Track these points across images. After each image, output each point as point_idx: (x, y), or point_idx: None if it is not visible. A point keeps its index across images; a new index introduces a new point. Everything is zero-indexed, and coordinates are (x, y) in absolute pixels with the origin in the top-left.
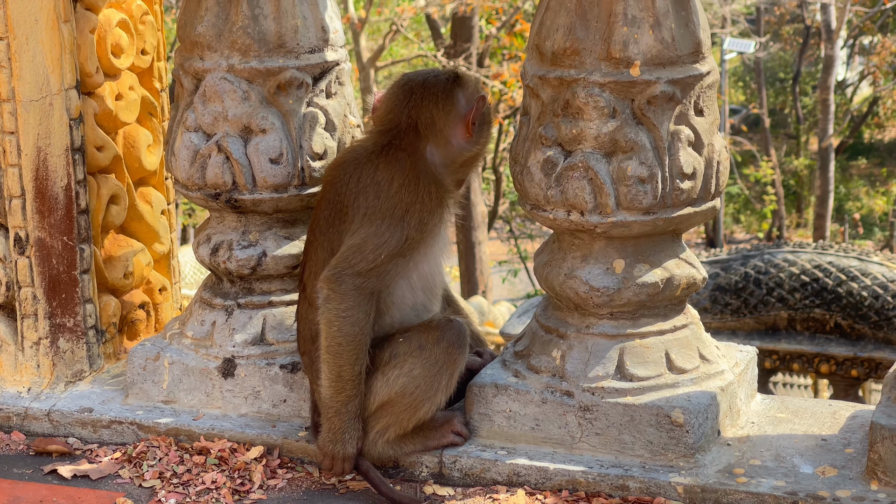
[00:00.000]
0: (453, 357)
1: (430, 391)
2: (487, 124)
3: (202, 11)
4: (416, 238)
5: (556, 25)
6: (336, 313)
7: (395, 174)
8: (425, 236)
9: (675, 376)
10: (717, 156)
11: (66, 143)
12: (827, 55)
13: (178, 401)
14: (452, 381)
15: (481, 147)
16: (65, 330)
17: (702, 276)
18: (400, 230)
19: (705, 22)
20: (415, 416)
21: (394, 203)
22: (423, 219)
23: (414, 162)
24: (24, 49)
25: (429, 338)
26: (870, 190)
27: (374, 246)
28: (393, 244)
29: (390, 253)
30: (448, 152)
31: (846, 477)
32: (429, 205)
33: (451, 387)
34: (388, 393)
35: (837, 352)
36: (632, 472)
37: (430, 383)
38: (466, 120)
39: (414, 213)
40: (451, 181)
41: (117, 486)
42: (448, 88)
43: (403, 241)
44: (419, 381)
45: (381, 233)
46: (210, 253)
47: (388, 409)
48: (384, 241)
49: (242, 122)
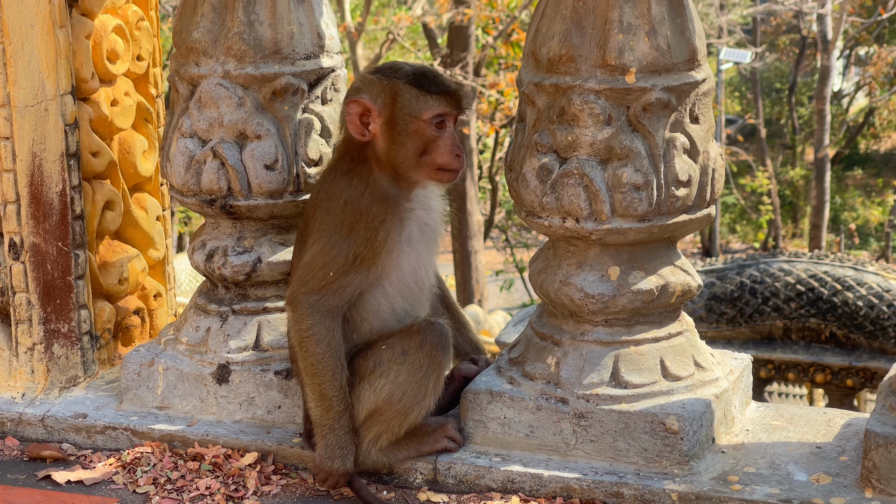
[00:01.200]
0: (437, 359)
1: (417, 396)
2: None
3: (198, 17)
4: (366, 255)
5: (551, 32)
6: (300, 334)
7: (344, 190)
8: (378, 252)
9: (670, 383)
10: (712, 163)
11: (61, 149)
12: (823, 65)
13: (172, 407)
14: (439, 383)
15: (389, 146)
16: (59, 336)
17: (697, 284)
18: (347, 247)
19: (701, 29)
20: (405, 421)
21: (339, 220)
22: (370, 237)
23: (362, 175)
24: (20, 54)
25: (411, 343)
26: (865, 200)
27: (321, 264)
28: (341, 262)
29: (339, 270)
30: (375, 157)
31: (840, 485)
32: (372, 222)
33: (438, 389)
34: (375, 401)
35: (833, 361)
36: (626, 479)
37: (417, 388)
38: (349, 126)
39: (359, 231)
40: (404, 185)
41: (111, 492)
42: (347, 95)
43: (352, 259)
44: (405, 386)
45: (327, 250)
46: (205, 259)
47: (378, 417)
48: (331, 258)
49: (238, 128)
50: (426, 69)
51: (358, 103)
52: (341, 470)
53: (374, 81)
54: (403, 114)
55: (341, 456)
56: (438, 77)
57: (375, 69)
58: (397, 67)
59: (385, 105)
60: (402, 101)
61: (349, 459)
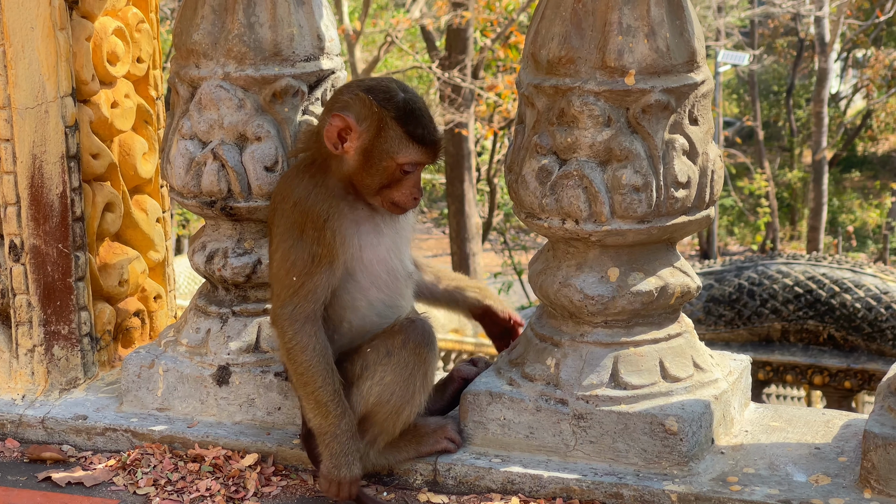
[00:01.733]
0: (423, 356)
1: (406, 394)
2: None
3: (198, 19)
4: (322, 253)
5: (551, 34)
6: (285, 347)
7: (294, 190)
8: (332, 248)
9: (669, 384)
10: (711, 164)
11: (61, 151)
12: (821, 68)
13: (172, 408)
14: (427, 379)
15: (356, 169)
16: (59, 337)
17: (696, 285)
18: (302, 249)
19: (700, 31)
20: (398, 420)
21: (291, 222)
22: (318, 235)
23: (315, 177)
24: (20, 56)
25: (395, 342)
26: (863, 202)
27: (284, 271)
28: (300, 265)
29: (301, 273)
30: (339, 168)
31: (839, 485)
32: (318, 220)
33: (427, 385)
34: (366, 405)
35: (831, 363)
36: (626, 479)
37: (406, 387)
38: (325, 136)
39: (308, 231)
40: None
41: (111, 494)
42: (330, 103)
43: (310, 260)
44: (393, 387)
45: (287, 256)
46: (205, 261)
47: (371, 420)
48: (291, 262)
49: (238, 129)
50: (416, 108)
51: (342, 119)
52: (349, 477)
53: (365, 104)
54: (381, 148)
55: (347, 463)
56: (425, 122)
57: (368, 87)
58: (391, 95)
59: (367, 131)
60: (385, 136)
61: (356, 464)
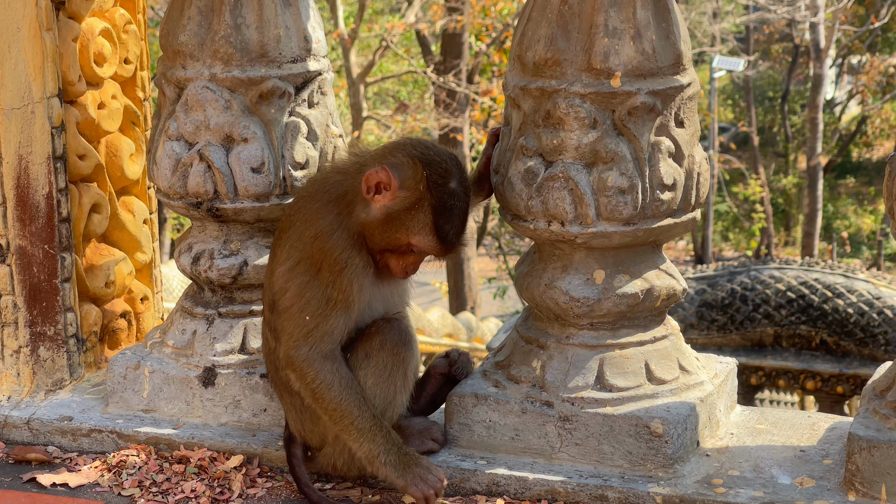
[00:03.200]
0: (401, 356)
1: (388, 395)
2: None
3: (184, 20)
4: (338, 298)
5: (537, 36)
6: (309, 388)
7: (319, 220)
8: (348, 295)
9: (655, 387)
10: (697, 167)
11: (47, 152)
12: (816, 74)
13: (158, 410)
14: (407, 379)
15: (373, 222)
16: (45, 338)
17: (682, 287)
18: (317, 290)
19: (686, 34)
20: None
21: (307, 254)
22: (334, 280)
23: (341, 214)
24: (6, 57)
25: (372, 345)
26: (858, 208)
27: (298, 309)
28: (314, 305)
29: (316, 314)
30: (360, 213)
31: (824, 488)
32: (335, 266)
33: (408, 385)
34: None
35: (823, 368)
36: (611, 482)
37: (386, 388)
38: (365, 178)
39: (325, 273)
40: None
41: (96, 495)
42: (388, 151)
43: (325, 303)
44: (375, 389)
45: (302, 293)
46: (191, 262)
47: None
48: (306, 301)
49: (224, 131)
50: (457, 206)
51: (388, 175)
52: (429, 482)
53: (416, 176)
54: (404, 221)
55: (420, 474)
56: (456, 224)
57: (429, 160)
58: (444, 181)
59: (402, 199)
60: (413, 214)
61: (422, 465)
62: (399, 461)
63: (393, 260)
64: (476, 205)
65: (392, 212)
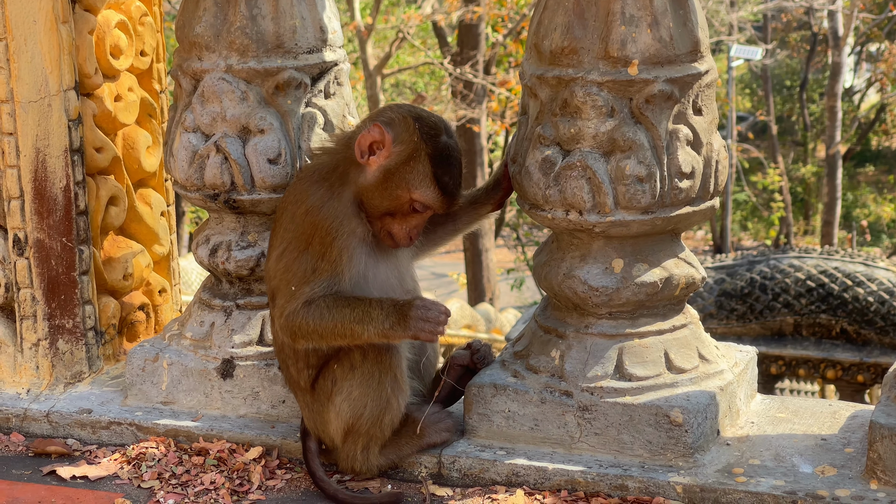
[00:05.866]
0: (386, 362)
1: (381, 402)
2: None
3: (200, 12)
4: (324, 268)
5: (553, 25)
6: (303, 330)
7: (309, 196)
8: (336, 266)
9: (674, 376)
10: (715, 155)
11: (64, 145)
12: (834, 62)
13: (176, 402)
14: (398, 382)
15: (371, 185)
16: (64, 331)
17: (700, 276)
18: (304, 261)
19: (703, 21)
20: (383, 426)
21: (299, 231)
22: (324, 251)
23: (333, 187)
24: (23, 50)
25: (356, 355)
26: (877, 197)
27: (285, 282)
28: (300, 275)
29: (301, 282)
30: (356, 181)
31: (846, 476)
32: (327, 237)
33: (402, 387)
34: (344, 420)
35: (843, 357)
36: (631, 471)
37: (377, 396)
38: (358, 142)
39: (314, 245)
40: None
41: (116, 487)
42: (376, 113)
43: (311, 271)
44: (364, 399)
45: (289, 268)
46: (209, 254)
47: (356, 431)
48: (292, 274)
49: (241, 122)
50: (453, 156)
51: (381, 132)
52: (433, 316)
53: (409, 129)
54: (403, 176)
55: (420, 315)
56: (454, 173)
57: (418, 115)
58: (436, 132)
59: (399, 154)
60: (412, 167)
61: (426, 307)
62: (398, 320)
63: (395, 225)
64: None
65: (389, 169)
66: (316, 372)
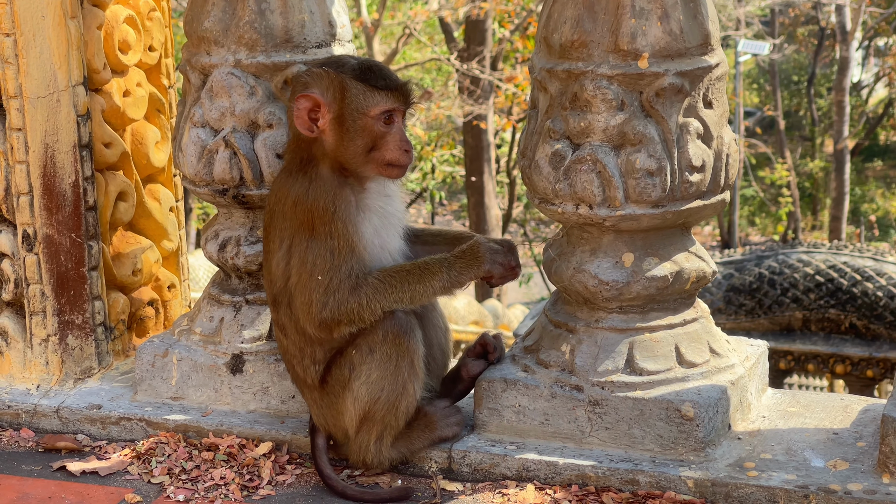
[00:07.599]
0: (404, 345)
1: (398, 387)
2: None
3: (209, 6)
4: (341, 245)
5: (563, 18)
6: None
7: (291, 190)
8: (349, 238)
9: (685, 370)
10: (726, 148)
11: (73, 140)
12: (842, 57)
13: (186, 397)
14: (415, 368)
15: (337, 142)
16: (73, 327)
17: (711, 270)
18: (317, 247)
19: (714, 13)
20: (399, 413)
21: (297, 223)
22: (331, 230)
23: (307, 172)
24: (31, 45)
25: (374, 338)
26: (885, 192)
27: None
28: (321, 263)
29: (327, 269)
30: (323, 153)
31: (858, 470)
32: (325, 216)
33: (418, 374)
34: (361, 406)
35: (853, 352)
36: (642, 466)
37: (394, 380)
38: (297, 123)
39: (319, 228)
40: (354, 180)
41: (126, 483)
42: (291, 92)
43: (331, 254)
44: (382, 382)
45: (304, 259)
46: (218, 249)
47: (372, 418)
48: (312, 264)
49: (249, 117)
50: (372, 63)
51: (308, 98)
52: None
53: (323, 76)
54: (352, 109)
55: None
56: (384, 72)
57: (321, 63)
58: (343, 62)
59: (334, 100)
60: (350, 97)
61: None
62: (469, 262)
63: (385, 153)
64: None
65: (337, 117)
66: (323, 367)
